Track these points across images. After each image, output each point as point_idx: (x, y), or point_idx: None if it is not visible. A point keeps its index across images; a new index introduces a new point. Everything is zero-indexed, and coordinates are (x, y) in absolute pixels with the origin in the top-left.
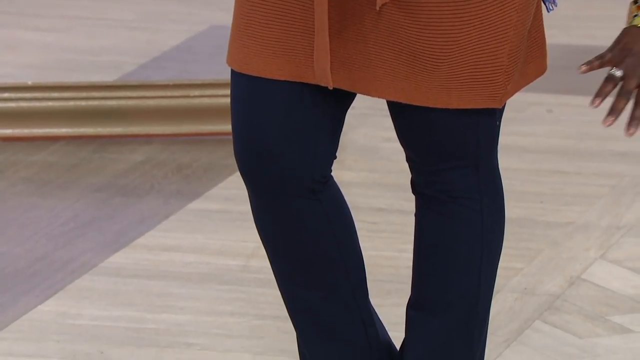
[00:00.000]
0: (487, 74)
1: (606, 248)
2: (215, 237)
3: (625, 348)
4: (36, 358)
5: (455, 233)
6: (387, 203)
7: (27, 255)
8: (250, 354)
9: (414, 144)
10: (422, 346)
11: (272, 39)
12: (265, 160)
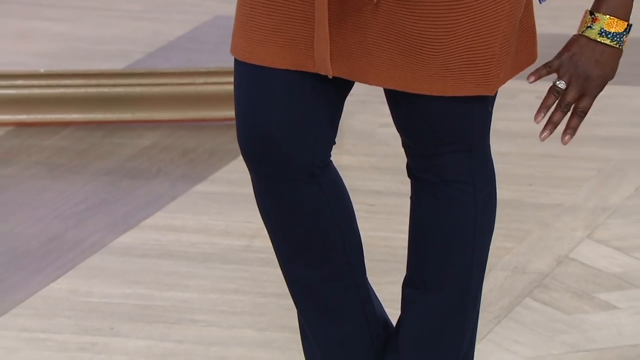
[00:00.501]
0: (480, 63)
1: (592, 228)
2: (219, 219)
3: (611, 324)
4: (49, 333)
5: (449, 215)
6: (383, 186)
7: (40, 236)
8: (253, 330)
9: (409, 130)
10: (417, 322)
11: (274, 29)
12: (267, 145)
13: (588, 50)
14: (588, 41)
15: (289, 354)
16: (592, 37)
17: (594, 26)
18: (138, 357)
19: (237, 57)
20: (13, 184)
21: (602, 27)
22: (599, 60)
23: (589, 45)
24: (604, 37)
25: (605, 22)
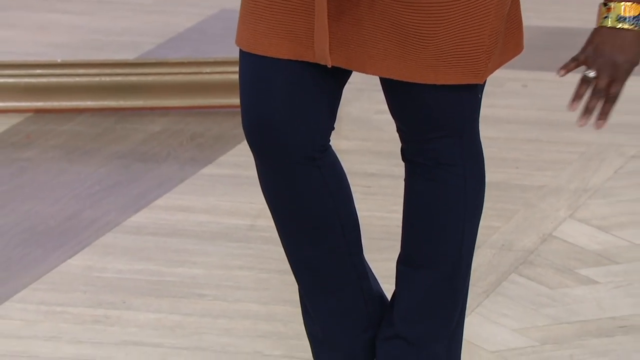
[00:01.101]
0: (470, 53)
1: (575, 208)
2: (225, 199)
3: (591, 298)
4: (66, 307)
5: (441, 196)
6: (379, 169)
7: (57, 215)
8: (257, 304)
9: (404, 116)
10: (411, 297)
11: (276, 21)
12: (270, 130)
13: (610, 38)
14: (608, 30)
15: (290, 327)
16: (611, 25)
17: (611, 15)
18: (148, 329)
19: (242, 48)
20: (32, 167)
21: (619, 14)
22: (622, 45)
23: (610, 34)
24: (623, 23)
25: (622, 9)
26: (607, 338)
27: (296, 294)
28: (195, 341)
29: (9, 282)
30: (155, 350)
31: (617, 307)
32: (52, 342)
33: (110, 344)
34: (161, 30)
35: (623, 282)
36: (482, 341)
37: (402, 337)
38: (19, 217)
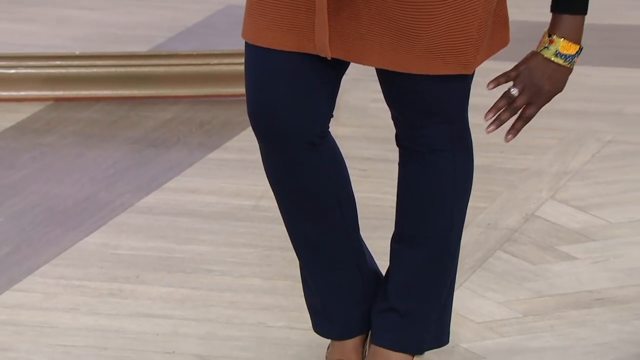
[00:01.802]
0: (460, 46)
1: (555, 190)
2: (231, 182)
3: (570, 272)
4: (83, 281)
5: (432, 179)
6: (374, 153)
7: (75, 196)
8: (260, 279)
9: (398, 105)
10: (403, 273)
11: (280, 16)
12: (273, 117)
13: (543, 66)
14: (544, 59)
15: (291, 300)
16: (548, 57)
17: (551, 47)
18: (160, 302)
19: (248, 41)
20: (52, 151)
21: (558, 49)
22: (552, 76)
23: (544, 63)
24: (559, 58)
25: (561, 45)
26: (584, 310)
27: (297, 269)
28: (203, 313)
29: (31, 258)
30: (166, 322)
31: (594, 281)
32: (70, 314)
33: (125, 316)
34: (171, 25)
35: (600, 258)
36: (469, 313)
37: (396, 309)
38: (40, 198)
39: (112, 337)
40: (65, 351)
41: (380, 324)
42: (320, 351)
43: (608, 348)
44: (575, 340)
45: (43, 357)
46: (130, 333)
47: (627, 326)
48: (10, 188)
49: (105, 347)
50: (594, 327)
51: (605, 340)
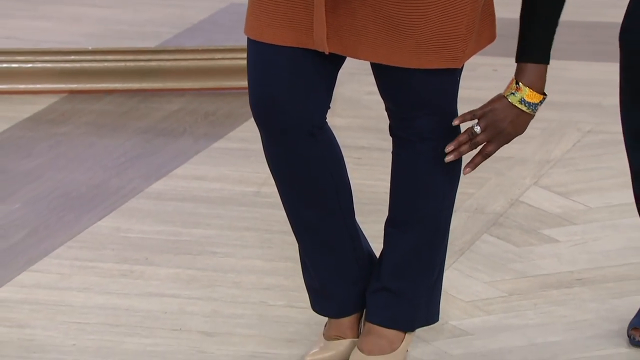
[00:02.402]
0: (450, 41)
1: (538, 177)
2: (234, 169)
3: (552, 254)
4: (96, 262)
5: (424, 167)
6: (369, 142)
7: (88, 183)
8: (262, 261)
9: (391, 97)
10: (397, 254)
11: (280, 13)
12: (274, 109)
13: (507, 110)
14: (509, 104)
15: (291, 280)
16: (513, 102)
17: (517, 94)
18: (168, 282)
19: (250, 37)
20: (67, 141)
21: (523, 96)
22: (514, 120)
23: (509, 107)
24: (523, 105)
25: (526, 94)
26: (565, 289)
27: (297, 252)
28: (208, 292)
29: (46, 241)
30: (173, 300)
31: (575, 262)
32: (84, 293)
33: (135, 295)
34: (178, 22)
35: (580, 241)
36: (458, 292)
37: (389, 289)
38: (55, 185)
39: (123, 315)
40: (79, 328)
41: (374, 302)
42: (318, 328)
43: (587, 325)
44: (557, 317)
45: (58, 333)
46: (140, 311)
47: (605, 304)
48: (27, 175)
49: (116, 324)
50: (574, 306)
51: (585, 317)
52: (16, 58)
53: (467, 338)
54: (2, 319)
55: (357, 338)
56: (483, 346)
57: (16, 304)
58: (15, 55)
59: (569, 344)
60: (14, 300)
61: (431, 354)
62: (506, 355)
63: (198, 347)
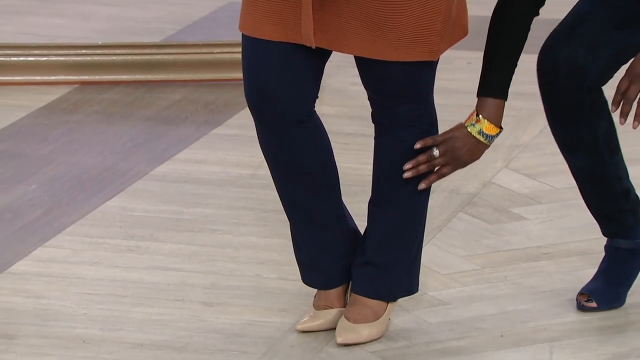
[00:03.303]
0: (426, 36)
1: (509, 160)
2: (231, 154)
3: (521, 231)
4: (105, 239)
5: (403, 151)
6: (354, 129)
7: (98, 166)
8: (257, 237)
9: (373, 87)
10: (379, 231)
11: (271, 11)
12: (267, 98)
13: (466, 139)
14: (469, 133)
15: (284, 255)
16: (472, 132)
17: (477, 125)
18: (171, 256)
19: (244, 33)
20: (78, 128)
21: (482, 128)
22: (471, 149)
23: (468, 136)
24: (481, 136)
25: (485, 126)
26: (533, 262)
27: (289, 229)
28: (208, 266)
29: (60, 219)
30: (176, 274)
31: (542, 238)
32: (94, 267)
33: (141, 268)
34: (181, 19)
35: (546, 219)
36: (436, 266)
37: (372, 263)
38: (68, 168)
39: (130, 287)
40: (89, 299)
41: (359, 275)
42: (308, 299)
43: (553, 294)
44: (526, 288)
45: (71, 303)
46: (145, 283)
47: (569, 276)
48: (43, 159)
49: (124, 295)
50: (541, 277)
51: (551, 288)
52: (32, 52)
53: (444, 307)
54: (19, 290)
55: (344, 308)
56: (458, 314)
57: (32, 277)
58: (31, 50)
59: (537, 312)
60: (31, 273)
61: (411, 321)
62: (479, 323)
63: (198, 316)
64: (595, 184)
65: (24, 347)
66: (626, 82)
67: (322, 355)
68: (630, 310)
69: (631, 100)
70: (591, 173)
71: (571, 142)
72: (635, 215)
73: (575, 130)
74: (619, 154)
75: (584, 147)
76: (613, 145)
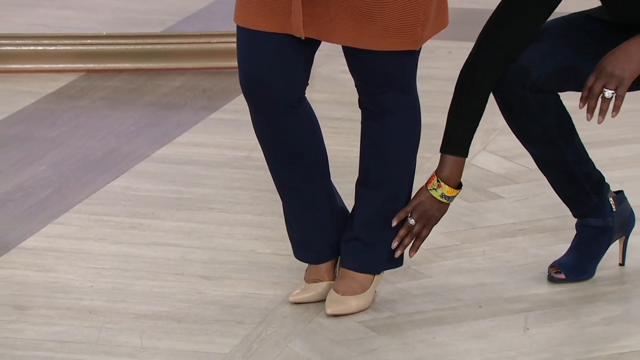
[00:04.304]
0: (409, 27)
1: (486, 143)
2: (228, 137)
3: (498, 208)
4: (110, 216)
5: (388, 135)
6: (342, 114)
7: (103, 148)
8: (252, 215)
9: (360, 75)
10: (366, 210)
11: (264, 3)
12: (260, 85)
13: (432, 202)
14: (432, 197)
15: (276, 232)
16: (435, 196)
17: (438, 190)
18: (171, 233)
19: (238, 24)
20: (85, 113)
21: (444, 192)
22: (439, 207)
23: (433, 199)
24: (443, 198)
25: (446, 190)
26: (509, 238)
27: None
28: (206, 242)
29: (68, 198)
30: (176, 249)
31: (517, 215)
32: (99, 243)
33: (143, 244)
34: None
35: (521, 197)
36: None
37: (360, 239)
38: (75, 150)
39: (133, 261)
40: (95, 272)
41: (347, 251)
42: (299, 273)
43: (528, 268)
44: (502, 262)
45: (78, 277)
46: (147, 258)
47: (542, 251)
48: (51, 142)
49: (127, 269)
50: (516, 252)
51: (526, 262)
52: (42, 42)
53: (426, 280)
54: (30, 264)
55: (333, 281)
56: (440, 287)
57: (42, 252)
58: (41, 40)
59: (512, 284)
60: (40, 248)
61: (396, 293)
62: (459, 294)
63: (197, 289)
64: (555, 171)
65: (34, 317)
66: (592, 78)
67: (312, 325)
68: (599, 282)
69: (596, 95)
70: (550, 161)
71: (524, 134)
72: (600, 195)
73: (525, 123)
74: (576, 140)
75: (537, 139)
76: (567, 134)
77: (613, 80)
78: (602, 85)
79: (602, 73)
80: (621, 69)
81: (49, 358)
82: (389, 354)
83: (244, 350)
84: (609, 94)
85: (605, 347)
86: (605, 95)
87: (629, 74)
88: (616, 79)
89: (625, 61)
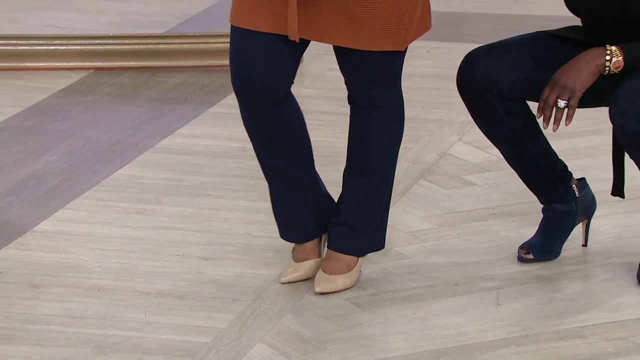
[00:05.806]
0: (395, 29)
1: (462, 134)
2: (224, 129)
3: (472, 194)
4: (116, 202)
5: (374, 128)
6: (330, 108)
7: (110, 140)
8: (247, 201)
9: (349, 73)
10: (352, 196)
11: (259, 4)
12: (250, 82)
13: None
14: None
15: (270, 217)
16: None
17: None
18: (173, 217)
19: (234, 24)
20: (93, 107)
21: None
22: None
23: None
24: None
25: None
26: (483, 222)
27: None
28: (204, 226)
29: (78, 185)
30: (177, 232)
31: (490, 200)
32: (107, 226)
33: (147, 228)
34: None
35: (494, 184)
36: (400, 225)
37: (346, 223)
38: (85, 141)
39: (138, 244)
40: (103, 253)
41: (335, 234)
42: (288, 254)
43: (499, 249)
44: (476, 244)
45: (87, 257)
46: (151, 240)
47: (512, 233)
48: (63, 133)
49: (132, 250)
50: (489, 235)
51: (498, 243)
52: (54, 42)
53: (407, 260)
54: (44, 246)
55: (319, 258)
56: (419, 266)
57: (54, 235)
58: (53, 40)
59: (485, 264)
60: (53, 231)
61: (379, 273)
62: (436, 273)
63: (196, 269)
64: (522, 165)
65: (47, 295)
66: (547, 90)
67: (302, 302)
68: (565, 262)
69: (550, 105)
70: (517, 157)
71: (491, 135)
72: (564, 183)
73: (492, 125)
74: (540, 136)
75: (504, 139)
76: (532, 132)
77: (566, 91)
78: (555, 96)
79: (555, 85)
80: (573, 81)
81: (61, 332)
82: (373, 328)
83: (240, 324)
84: (562, 104)
85: (569, 321)
86: (559, 105)
87: (580, 85)
88: (568, 90)
89: (576, 74)
